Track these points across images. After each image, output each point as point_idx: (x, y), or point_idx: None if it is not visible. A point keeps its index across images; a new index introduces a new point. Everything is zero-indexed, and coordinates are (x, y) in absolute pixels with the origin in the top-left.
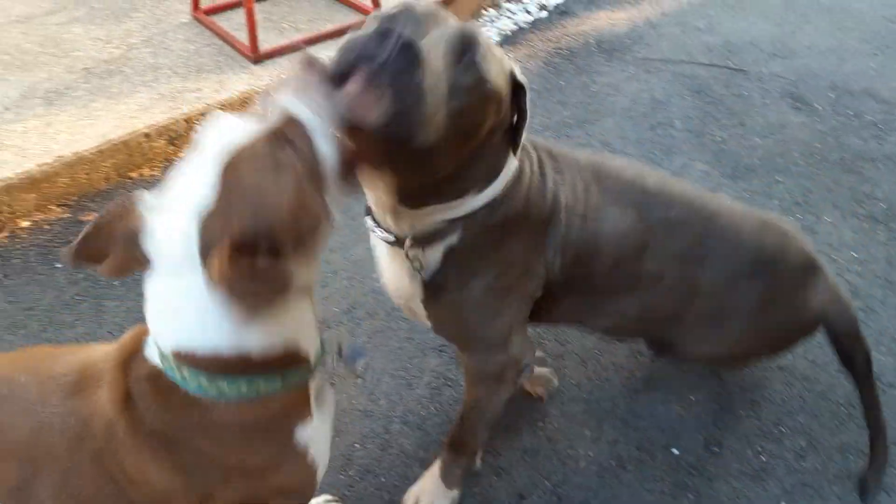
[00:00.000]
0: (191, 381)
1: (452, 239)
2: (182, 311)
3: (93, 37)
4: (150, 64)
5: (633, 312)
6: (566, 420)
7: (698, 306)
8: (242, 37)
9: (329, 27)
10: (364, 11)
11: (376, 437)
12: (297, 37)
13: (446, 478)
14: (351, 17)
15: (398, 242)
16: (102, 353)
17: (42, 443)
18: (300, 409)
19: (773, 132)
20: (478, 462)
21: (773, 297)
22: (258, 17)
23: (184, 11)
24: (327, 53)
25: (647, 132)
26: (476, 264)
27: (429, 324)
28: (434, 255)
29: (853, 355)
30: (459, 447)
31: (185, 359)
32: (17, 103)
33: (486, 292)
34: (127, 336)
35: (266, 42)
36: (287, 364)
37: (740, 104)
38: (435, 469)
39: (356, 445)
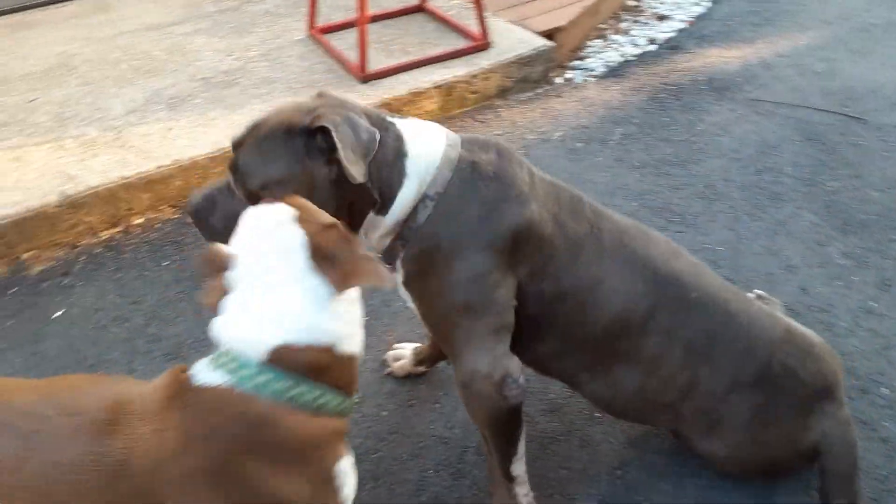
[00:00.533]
0: (268, 386)
1: (401, 254)
2: (282, 303)
3: (214, 48)
4: (265, 77)
5: (629, 387)
6: (646, 471)
7: (696, 402)
8: (353, 56)
9: (437, 51)
10: (472, 38)
11: (450, 466)
12: (405, 59)
13: (500, 495)
14: (459, 43)
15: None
16: (138, 391)
17: (69, 483)
18: (342, 439)
19: (891, 186)
20: (524, 492)
21: (769, 413)
22: (369, 38)
23: (300, 29)
24: (432, 77)
25: (754, 176)
26: (428, 277)
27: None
28: (398, 267)
29: (833, 499)
30: (493, 472)
31: (281, 355)
32: (143, 107)
33: (445, 301)
34: (164, 377)
35: (375, 62)
36: (347, 383)
37: (857, 154)
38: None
39: (430, 472)
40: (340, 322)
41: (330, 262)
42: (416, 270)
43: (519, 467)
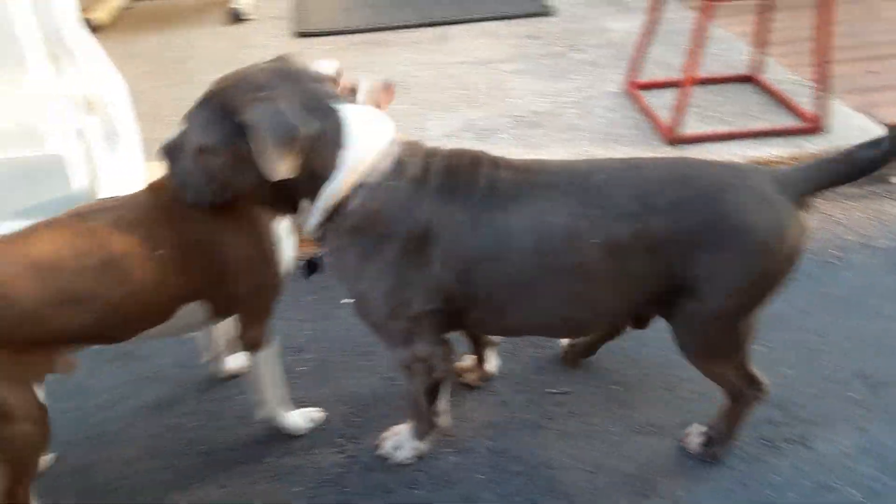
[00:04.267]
0: None
1: (327, 241)
2: None
3: (531, 89)
4: (571, 124)
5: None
6: None
7: None
8: (665, 116)
9: (758, 126)
10: (803, 117)
11: None
12: (720, 128)
13: (413, 432)
14: (785, 121)
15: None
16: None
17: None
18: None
19: None
20: (440, 422)
21: None
22: (687, 100)
23: (616, 82)
24: (746, 152)
25: None
26: (351, 266)
27: None
28: (324, 251)
29: None
30: (413, 414)
31: None
32: (457, 132)
33: (367, 293)
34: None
35: (687, 126)
36: None
37: None
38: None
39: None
40: None
41: None
42: (341, 258)
43: (443, 403)
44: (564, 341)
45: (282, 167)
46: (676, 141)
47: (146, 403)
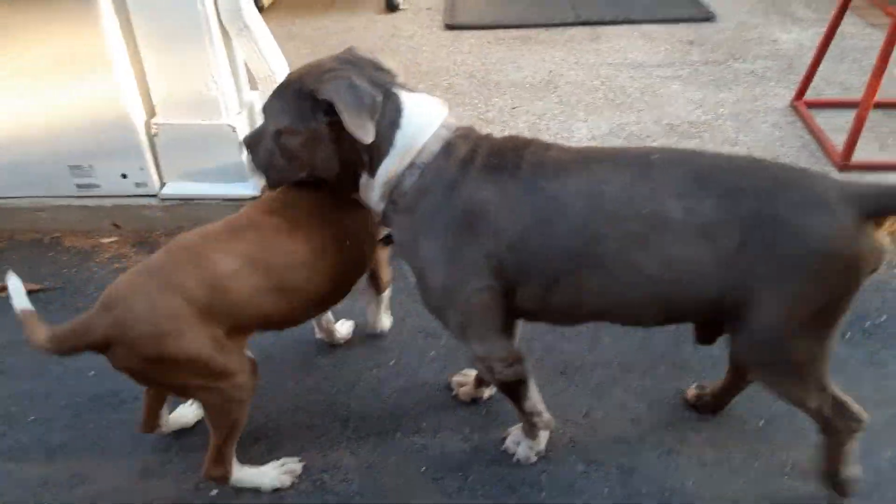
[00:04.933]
0: None
1: (393, 221)
2: None
3: (687, 97)
4: (730, 138)
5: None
6: None
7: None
8: (836, 140)
9: None
10: None
11: None
12: None
13: (528, 433)
14: None
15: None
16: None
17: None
18: None
19: None
20: (543, 419)
21: None
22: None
23: (782, 96)
24: None
25: None
26: (409, 244)
27: None
28: (394, 234)
29: None
30: (523, 420)
31: None
32: (604, 136)
33: (425, 271)
34: None
35: (862, 153)
36: None
37: None
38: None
39: None
40: None
41: None
42: (400, 237)
43: (530, 405)
44: (691, 390)
45: (370, 129)
46: (848, 167)
47: (291, 365)
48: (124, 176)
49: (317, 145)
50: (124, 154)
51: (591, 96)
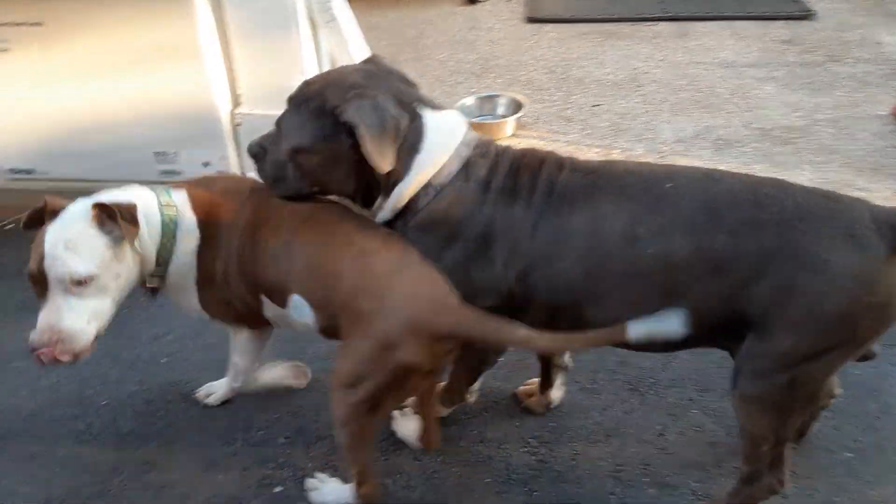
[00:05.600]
0: None
1: (401, 230)
2: None
3: (782, 100)
4: (827, 146)
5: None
6: None
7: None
8: None
9: None
10: None
11: None
12: None
13: (443, 401)
14: None
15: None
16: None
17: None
18: None
19: None
20: (470, 398)
21: None
22: None
23: (885, 103)
24: None
25: None
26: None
27: None
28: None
29: None
30: (448, 392)
31: None
32: (690, 139)
33: None
34: None
35: None
36: None
37: None
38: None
39: None
40: None
41: None
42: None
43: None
44: None
45: (389, 158)
46: None
47: None
48: (206, 164)
49: (335, 165)
50: (208, 142)
51: (677, 96)
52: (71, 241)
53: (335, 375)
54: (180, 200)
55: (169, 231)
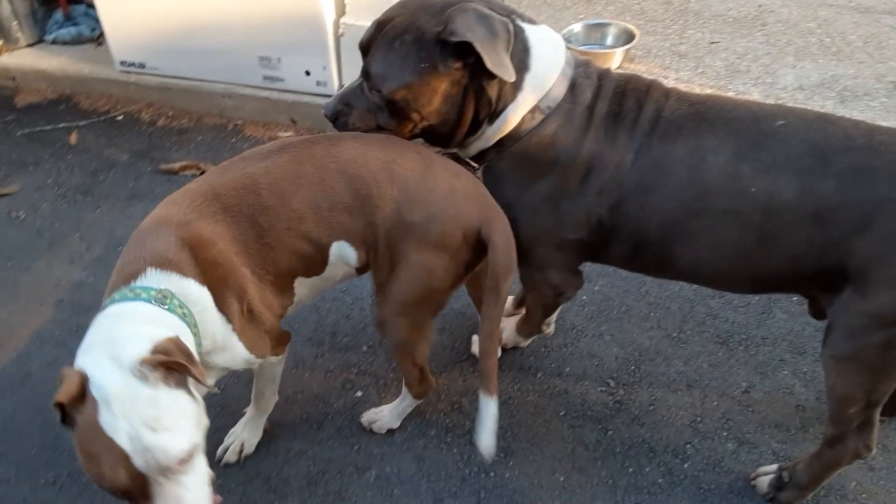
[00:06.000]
0: None
1: (490, 161)
2: None
3: None
4: None
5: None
6: None
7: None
8: None
9: None
10: None
11: None
12: None
13: (520, 331)
14: None
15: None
16: None
17: None
18: None
19: None
20: (546, 329)
21: None
22: None
23: None
24: None
25: None
26: (510, 189)
27: None
28: (485, 173)
29: None
30: (525, 324)
31: None
32: (814, 88)
33: (520, 217)
34: None
35: None
36: None
37: None
38: (512, 323)
39: None
40: None
41: None
42: (500, 181)
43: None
44: None
45: (511, 68)
46: None
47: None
48: (308, 73)
49: (444, 98)
50: (310, 51)
51: (804, 39)
52: (151, 419)
53: (396, 292)
54: (173, 283)
55: (193, 323)
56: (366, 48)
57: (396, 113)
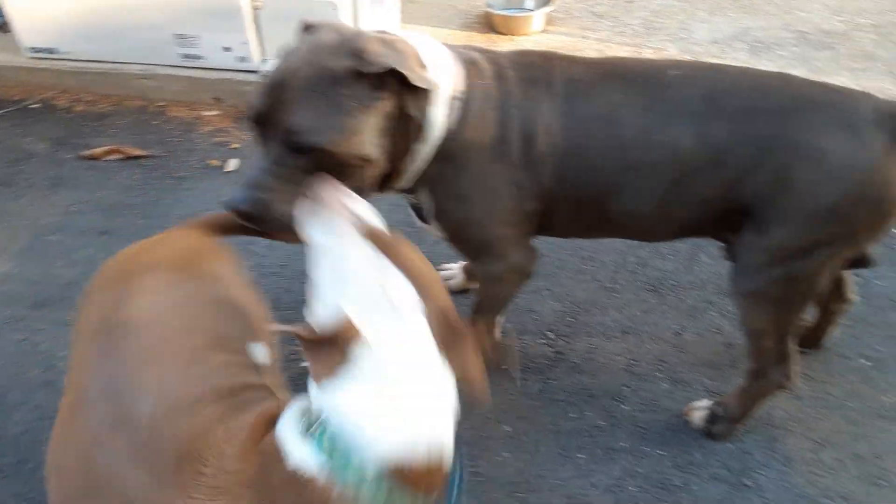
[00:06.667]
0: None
1: (429, 179)
2: (420, 402)
3: (824, 2)
4: (867, 52)
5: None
6: None
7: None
8: None
9: None
10: None
11: None
12: None
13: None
14: None
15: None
16: (220, 436)
17: None
18: None
19: None
20: (498, 334)
21: None
22: None
23: None
24: None
25: None
26: (452, 191)
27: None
28: (424, 195)
29: None
30: (479, 318)
31: (405, 471)
32: (726, 41)
33: (469, 212)
34: (251, 426)
35: None
36: None
37: None
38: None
39: None
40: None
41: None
42: (447, 186)
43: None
44: None
45: (429, 76)
46: None
47: None
48: (227, 49)
49: (380, 133)
50: (228, 27)
51: None
52: None
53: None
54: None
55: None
56: (266, 116)
57: (335, 168)
